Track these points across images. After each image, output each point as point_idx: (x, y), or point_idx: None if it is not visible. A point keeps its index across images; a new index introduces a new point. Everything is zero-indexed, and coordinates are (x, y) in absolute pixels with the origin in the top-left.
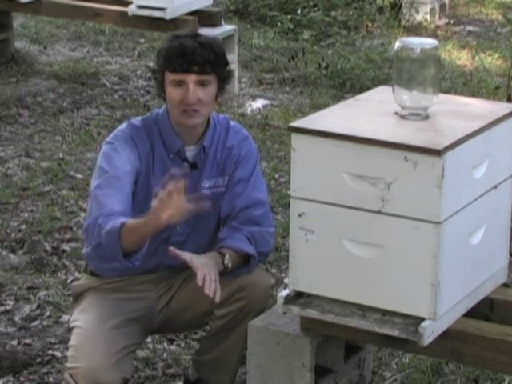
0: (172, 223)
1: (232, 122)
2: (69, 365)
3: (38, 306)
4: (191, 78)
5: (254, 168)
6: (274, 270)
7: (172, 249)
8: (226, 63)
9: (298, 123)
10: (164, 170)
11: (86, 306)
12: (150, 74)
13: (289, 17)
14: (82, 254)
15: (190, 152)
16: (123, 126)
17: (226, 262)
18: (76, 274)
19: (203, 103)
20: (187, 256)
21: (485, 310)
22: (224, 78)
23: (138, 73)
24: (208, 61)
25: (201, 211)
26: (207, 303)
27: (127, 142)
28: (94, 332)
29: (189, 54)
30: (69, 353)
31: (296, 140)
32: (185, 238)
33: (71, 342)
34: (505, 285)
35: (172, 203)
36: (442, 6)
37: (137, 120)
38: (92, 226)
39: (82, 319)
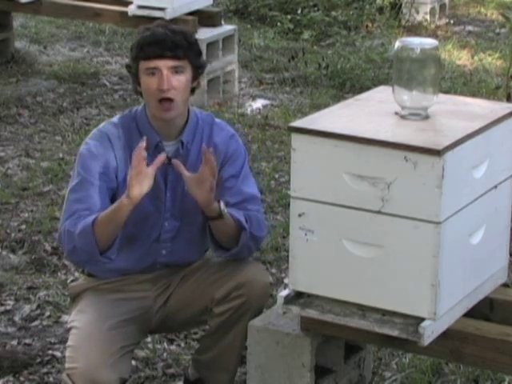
0: (144, 192)
1: (217, 120)
2: (67, 365)
3: (38, 306)
4: (165, 64)
5: (243, 165)
6: (273, 270)
7: (176, 162)
8: (200, 52)
9: (297, 123)
10: None
11: (84, 307)
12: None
13: (289, 17)
14: None
15: (170, 147)
16: (101, 124)
17: (221, 207)
18: (76, 274)
19: (177, 90)
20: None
21: (485, 309)
22: (198, 65)
23: None
24: (180, 46)
25: (161, 164)
26: (205, 301)
27: (102, 142)
28: (91, 332)
29: (161, 40)
30: (67, 353)
31: (296, 140)
32: (175, 234)
33: (69, 343)
34: (505, 285)
35: (139, 175)
36: (442, 6)
37: (116, 118)
38: (62, 233)
39: (80, 320)
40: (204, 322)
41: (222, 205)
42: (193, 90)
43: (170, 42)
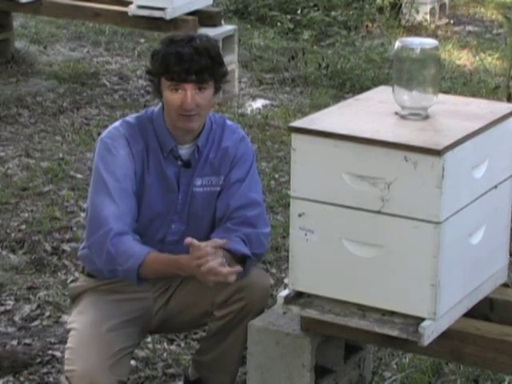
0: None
1: (229, 122)
2: (65, 367)
3: (38, 306)
4: (189, 86)
5: (250, 168)
6: (274, 270)
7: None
8: (222, 63)
9: (297, 123)
10: (159, 168)
11: (83, 308)
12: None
13: (289, 17)
14: (79, 254)
15: (185, 150)
16: (117, 123)
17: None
18: (76, 274)
19: (201, 107)
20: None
21: (485, 310)
22: (220, 79)
23: (138, 73)
24: (206, 68)
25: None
26: (206, 304)
27: (120, 142)
28: (90, 334)
29: (186, 61)
30: (65, 355)
31: (296, 140)
32: (180, 237)
33: (68, 345)
34: (505, 285)
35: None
36: (442, 6)
37: (131, 118)
38: (97, 249)
39: (79, 321)
40: (204, 325)
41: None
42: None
43: (195, 65)
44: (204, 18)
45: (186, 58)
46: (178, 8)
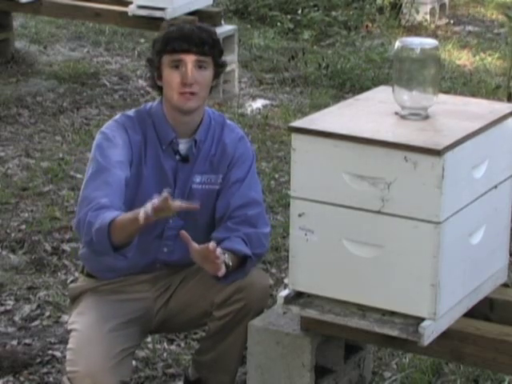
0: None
1: (228, 121)
2: (67, 368)
3: (38, 306)
4: (190, 58)
5: (250, 168)
6: (274, 270)
7: (183, 233)
8: (222, 52)
9: (298, 123)
10: (156, 161)
11: (84, 309)
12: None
13: (289, 17)
14: (79, 254)
15: (183, 145)
16: (117, 116)
17: (226, 260)
18: (76, 274)
19: (200, 85)
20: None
21: (485, 310)
22: (220, 64)
23: (138, 73)
24: (206, 42)
25: (190, 209)
26: (205, 305)
27: (119, 131)
28: (91, 335)
29: (187, 35)
30: (67, 356)
31: (296, 140)
32: (178, 232)
33: (69, 345)
34: (505, 285)
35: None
36: (442, 6)
37: (131, 111)
38: (82, 222)
39: (80, 322)
40: (204, 325)
41: (227, 259)
42: (210, 90)
43: (196, 37)
44: (204, 17)
45: (187, 32)
46: (178, 8)
